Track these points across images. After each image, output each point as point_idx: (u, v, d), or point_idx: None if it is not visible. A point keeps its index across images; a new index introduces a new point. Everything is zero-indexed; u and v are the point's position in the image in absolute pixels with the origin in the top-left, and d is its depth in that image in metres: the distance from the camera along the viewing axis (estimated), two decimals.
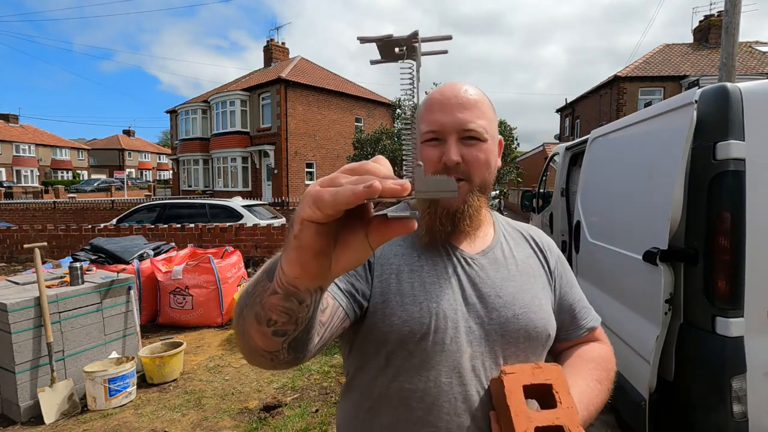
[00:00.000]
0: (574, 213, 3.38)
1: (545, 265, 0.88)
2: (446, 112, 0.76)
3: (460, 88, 0.78)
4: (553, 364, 0.72)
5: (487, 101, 0.81)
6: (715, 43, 19.12)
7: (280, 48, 25.27)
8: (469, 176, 0.76)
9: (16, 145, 42.55)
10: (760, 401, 1.73)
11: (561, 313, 0.87)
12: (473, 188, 0.77)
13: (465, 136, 0.76)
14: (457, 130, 0.75)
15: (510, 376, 0.67)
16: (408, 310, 0.74)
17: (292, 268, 0.42)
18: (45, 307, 2.85)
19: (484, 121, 0.77)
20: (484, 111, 0.78)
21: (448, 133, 0.75)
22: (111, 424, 2.76)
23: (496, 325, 0.75)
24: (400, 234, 0.40)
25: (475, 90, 0.80)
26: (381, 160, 0.41)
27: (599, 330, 0.91)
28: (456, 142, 0.75)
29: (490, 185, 0.83)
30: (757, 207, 1.72)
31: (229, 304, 4.78)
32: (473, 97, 0.78)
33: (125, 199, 20.66)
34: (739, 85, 1.79)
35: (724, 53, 6.12)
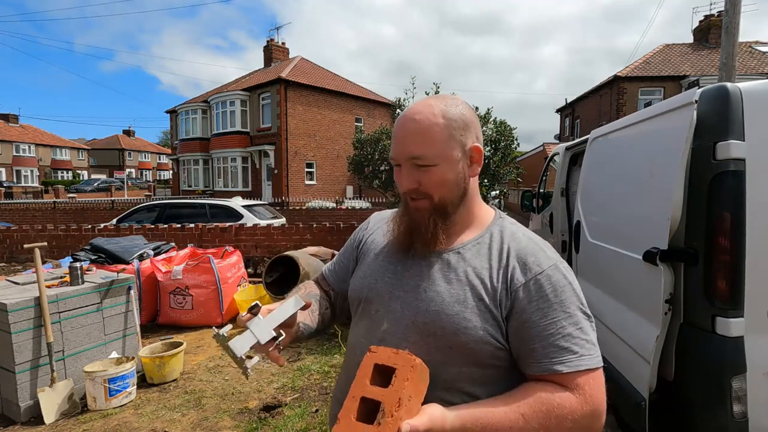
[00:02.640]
0: (574, 213, 3.38)
1: (500, 283, 0.83)
2: (398, 142, 0.88)
3: (409, 117, 0.87)
4: (410, 356, 0.76)
5: (440, 122, 0.85)
6: (715, 43, 19.13)
7: (280, 48, 25.28)
8: (429, 196, 0.87)
9: (16, 145, 42.55)
10: (760, 401, 1.73)
11: (518, 342, 0.82)
12: (434, 205, 0.87)
13: (417, 162, 0.85)
14: (407, 158, 0.86)
15: (370, 354, 0.78)
16: (357, 282, 0.99)
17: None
18: (45, 307, 2.85)
19: (430, 149, 0.84)
20: (431, 137, 0.84)
21: (402, 162, 0.87)
22: (111, 424, 2.76)
23: (412, 313, 0.86)
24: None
25: (426, 114, 0.85)
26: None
27: (576, 380, 0.77)
28: (410, 169, 0.86)
29: (454, 198, 0.89)
30: (757, 207, 1.72)
31: (229, 304, 4.78)
32: (421, 125, 0.85)
33: (125, 199, 20.66)
34: (739, 85, 1.79)
35: (724, 53, 6.12)
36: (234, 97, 21.83)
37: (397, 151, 0.87)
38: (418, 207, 0.88)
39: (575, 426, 0.75)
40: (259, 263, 6.98)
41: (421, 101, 0.89)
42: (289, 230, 7.25)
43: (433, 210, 0.87)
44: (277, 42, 25.31)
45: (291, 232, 7.21)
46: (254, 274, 6.76)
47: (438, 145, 0.84)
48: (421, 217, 0.88)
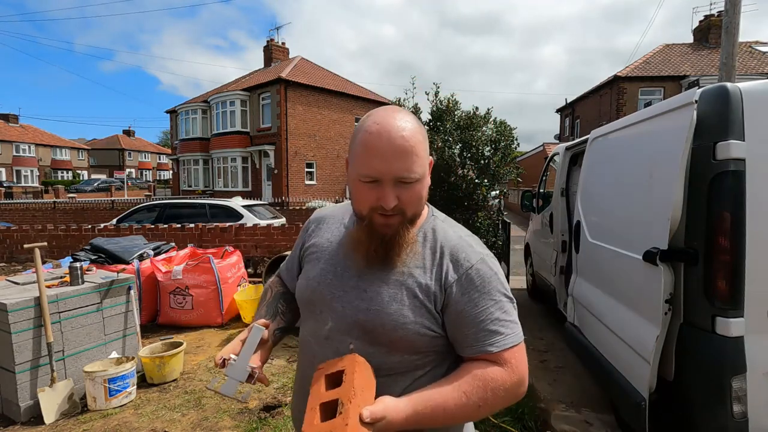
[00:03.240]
0: (574, 213, 3.38)
1: (433, 281, 0.91)
2: (383, 160, 0.84)
3: (394, 134, 0.84)
4: (353, 355, 0.86)
5: (420, 133, 0.87)
6: (715, 43, 19.13)
7: (280, 48, 25.27)
8: (403, 212, 0.88)
9: (16, 145, 42.55)
10: (760, 401, 1.73)
11: (454, 329, 0.91)
12: (405, 221, 0.89)
13: (402, 180, 0.85)
14: (393, 178, 0.85)
15: (318, 370, 0.87)
16: (302, 284, 1.02)
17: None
18: (45, 307, 2.84)
19: (418, 166, 0.86)
20: (418, 152, 0.86)
21: (385, 180, 0.85)
22: (111, 424, 2.76)
23: (353, 312, 0.91)
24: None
25: (408, 128, 0.85)
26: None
27: (503, 356, 0.88)
28: (392, 186, 0.86)
29: (420, 211, 0.93)
30: (757, 207, 1.72)
31: (229, 304, 4.78)
32: (408, 142, 0.84)
33: (125, 199, 20.66)
34: (739, 85, 1.79)
35: (724, 53, 6.12)
36: (234, 97, 21.82)
37: (383, 169, 0.84)
38: (389, 223, 0.88)
39: (507, 395, 0.88)
40: (259, 263, 6.98)
41: (394, 115, 0.88)
42: (289, 230, 7.25)
43: (404, 223, 0.90)
44: (277, 42, 25.31)
45: (291, 232, 7.21)
46: (254, 274, 6.76)
47: (422, 161, 0.87)
48: (392, 232, 0.89)
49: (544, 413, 2.99)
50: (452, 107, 5.13)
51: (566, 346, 3.79)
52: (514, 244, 8.32)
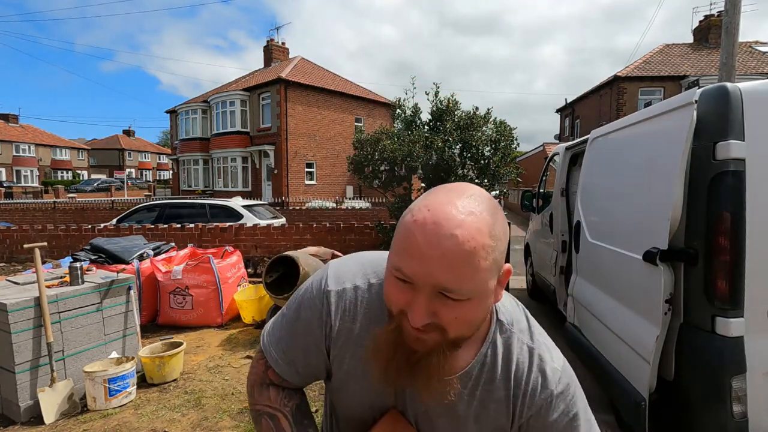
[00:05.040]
0: (574, 213, 3.38)
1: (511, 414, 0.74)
2: (423, 261, 0.59)
3: (447, 233, 0.58)
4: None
5: (489, 242, 0.60)
6: (715, 43, 19.13)
7: (280, 48, 25.28)
8: (442, 330, 0.63)
9: (16, 145, 42.54)
10: (760, 401, 1.73)
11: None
12: (446, 340, 0.64)
13: (444, 294, 0.61)
14: (432, 286, 0.60)
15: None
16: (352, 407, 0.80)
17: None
18: (45, 307, 2.84)
19: (470, 283, 0.59)
20: (477, 264, 0.59)
21: (420, 286, 0.60)
22: (111, 424, 2.76)
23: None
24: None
25: (470, 233, 0.58)
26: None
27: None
28: (428, 297, 0.61)
29: (472, 334, 0.68)
30: (757, 207, 1.72)
31: (229, 304, 4.78)
32: (464, 247, 0.58)
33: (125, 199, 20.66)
34: (739, 85, 1.79)
35: (724, 53, 6.12)
36: (234, 97, 21.83)
37: (419, 271, 0.59)
38: (422, 339, 0.64)
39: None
40: (259, 263, 6.98)
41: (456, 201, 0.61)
42: (289, 230, 7.25)
43: (443, 345, 0.65)
44: (277, 42, 25.31)
45: (291, 232, 7.21)
46: (254, 274, 6.76)
47: (481, 275, 0.60)
48: (425, 349, 0.65)
49: None
50: (452, 107, 5.13)
51: (566, 346, 3.79)
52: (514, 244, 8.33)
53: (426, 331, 0.63)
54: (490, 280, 0.61)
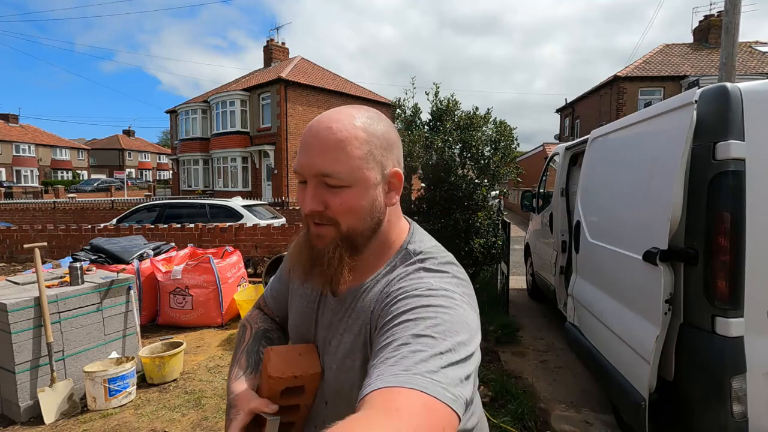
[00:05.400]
0: (574, 213, 3.38)
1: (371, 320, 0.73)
2: (307, 153, 0.71)
3: (324, 125, 0.71)
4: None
5: (361, 136, 0.70)
6: (715, 43, 19.13)
7: (280, 48, 25.27)
8: (335, 222, 0.72)
9: (16, 145, 42.54)
10: (760, 401, 1.73)
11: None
12: (339, 236, 0.73)
13: (326, 181, 0.70)
14: (315, 175, 0.71)
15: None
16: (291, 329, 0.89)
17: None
18: (45, 307, 2.84)
19: (344, 167, 0.69)
20: (350, 152, 0.69)
21: (308, 177, 0.72)
22: (111, 424, 2.76)
23: (327, 365, 0.78)
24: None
25: (345, 124, 0.70)
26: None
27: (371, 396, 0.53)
28: (316, 187, 0.71)
29: (365, 230, 0.74)
30: (757, 207, 1.72)
31: (229, 304, 4.78)
32: (336, 135, 0.69)
33: (125, 199, 20.66)
34: (739, 85, 1.79)
35: (724, 53, 6.12)
36: (234, 97, 21.82)
37: (304, 163, 0.71)
38: (321, 234, 0.73)
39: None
40: (259, 263, 6.98)
41: (342, 108, 0.75)
42: (289, 230, 7.25)
43: (339, 240, 0.73)
44: (277, 42, 25.30)
45: (291, 232, 7.21)
46: (254, 274, 6.76)
47: (355, 162, 0.70)
48: (324, 248, 0.73)
49: (544, 413, 2.99)
50: (452, 107, 5.13)
51: (566, 346, 3.79)
52: (514, 244, 8.33)
53: (321, 225, 0.73)
54: (367, 170, 0.71)
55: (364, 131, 0.72)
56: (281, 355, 0.76)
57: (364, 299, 0.76)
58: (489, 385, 3.22)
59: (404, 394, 0.51)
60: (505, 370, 3.63)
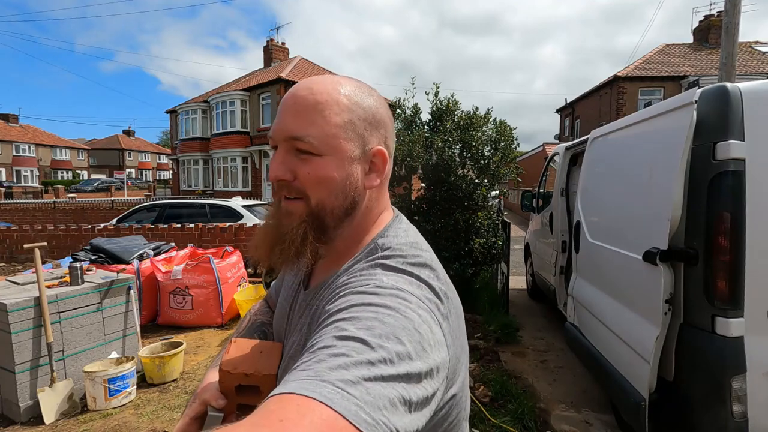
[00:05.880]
0: (574, 213, 3.38)
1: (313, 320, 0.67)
2: (281, 115, 0.65)
3: (304, 86, 0.65)
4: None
5: (343, 102, 0.64)
6: (715, 43, 19.13)
7: (280, 48, 25.27)
8: (304, 194, 0.64)
9: (16, 145, 42.54)
10: (760, 401, 1.73)
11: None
12: (309, 210, 0.64)
13: (296, 147, 0.63)
14: (285, 138, 0.63)
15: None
16: (274, 318, 0.86)
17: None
18: (45, 307, 2.84)
19: (317, 130, 0.62)
20: (327, 116, 0.62)
21: (278, 141, 0.65)
22: (111, 424, 2.76)
23: (283, 368, 0.70)
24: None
25: (327, 87, 0.64)
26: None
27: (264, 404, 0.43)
28: (286, 153, 0.64)
29: (336, 208, 0.65)
30: (757, 207, 1.72)
31: (229, 304, 4.78)
32: (315, 97, 0.63)
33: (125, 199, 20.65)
34: (739, 85, 1.79)
35: (724, 53, 6.12)
36: (234, 97, 21.82)
37: (276, 126, 0.65)
38: (290, 210, 0.65)
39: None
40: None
41: (329, 75, 0.68)
42: None
43: (306, 218, 0.65)
44: (277, 42, 25.30)
45: None
46: (254, 274, 6.76)
47: (330, 128, 0.62)
48: (288, 225, 0.65)
49: (544, 413, 2.99)
50: (452, 107, 5.13)
51: (566, 346, 3.79)
52: (514, 244, 8.32)
53: (290, 199, 0.65)
54: (344, 140, 0.63)
55: (348, 99, 0.64)
56: (240, 350, 0.71)
57: (321, 296, 0.67)
58: (489, 385, 3.22)
59: (298, 403, 0.39)
60: (505, 370, 3.63)
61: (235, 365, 0.68)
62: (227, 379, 0.67)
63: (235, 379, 0.67)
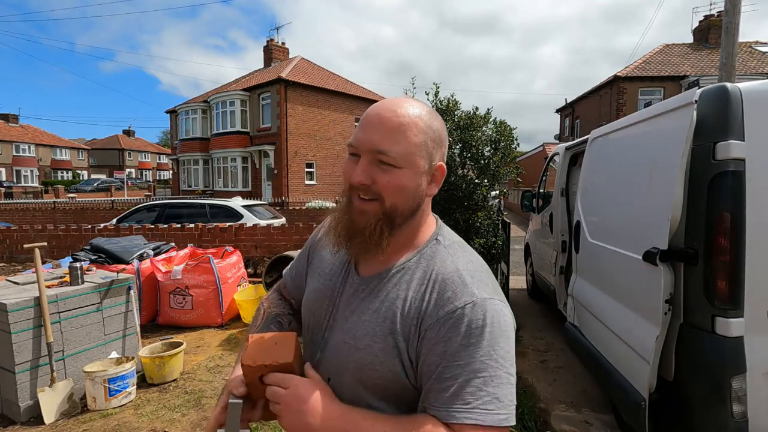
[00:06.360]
0: (574, 213, 3.38)
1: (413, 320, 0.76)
2: (366, 130, 0.77)
3: (388, 108, 0.77)
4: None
5: (420, 126, 0.77)
6: (715, 43, 19.13)
7: (280, 48, 25.28)
8: (380, 197, 0.77)
9: (16, 145, 42.55)
10: (760, 401, 1.73)
11: (421, 380, 0.75)
12: (382, 213, 0.77)
13: (379, 158, 0.75)
14: (370, 150, 0.76)
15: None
16: (305, 304, 0.92)
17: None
18: (45, 307, 2.84)
19: (400, 148, 0.75)
20: (408, 137, 0.76)
21: (362, 151, 0.77)
22: (111, 424, 2.76)
23: (335, 344, 0.82)
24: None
25: (408, 111, 0.77)
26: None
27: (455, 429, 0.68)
28: (369, 163, 0.76)
29: (404, 211, 0.79)
30: (757, 207, 1.72)
31: (229, 304, 4.78)
32: (399, 120, 0.76)
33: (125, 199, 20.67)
34: (739, 85, 1.79)
35: (724, 53, 6.12)
36: (234, 97, 21.82)
37: (363, 138, 0.76)
38: (364, 210, 0.77)
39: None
40: (259, 263, 6.98)
41: (403, 98, 0.81)
42: (289, 230, 7.25)
43: (381, 215, 0.77)
44: (277, 42, 25.31)
45: (291, 232, 7.21)
46: (254, 274, 6.76)
47: (410, 147, 0.76)
48: (366, 221, 0.77)
49: (544, 413, 2.99)
50: (452, 107, 5.13)
51: (566, 346, 3.79)
52: (514, 244, 8.32)
53: (365, 200, 0.77)
54: (419, 157, 0.77)
55: (423, 123, 0.78)
56: (257, 343, 0.78)
57: (395, 285, 0.79)
58: None
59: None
60: None
61: (254, 359, 0.75)
62: (249, 372, 0.75)
63: (257, 371, 0.75)
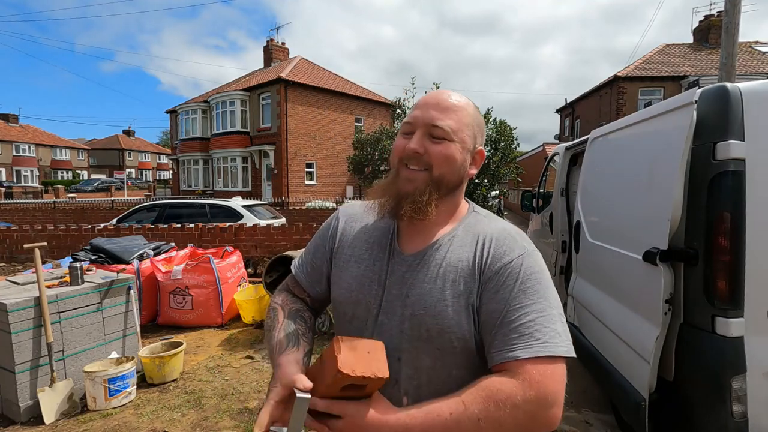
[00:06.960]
0: (574, 213, 3.38)
1: (476, 277, 0.82)
2: (423, 108, 0.87)
3: (444, 93, 0.89)
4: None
5: (469, 111, 0.89)
6: (715, 43, 19.13)
7: (280, 48, 25.28)
8: (430, 167, 0.84)
9: (16, 145, 42.54)
10: (760, 401, 1.73)
11: (483, 332, 0.81)
12: (431, 181, 0.84)
13: (433, 133, 0.84)
14: (426, 124, 0.85)
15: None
16: (343, 293, 0.92)
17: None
18: (45, 307, 2.84)
19: (453, 123, 0.85)
20: (459, 116, 0.86)
21: (418, 126, 0.86)
22: (111, 424, 2.76)
23: (398, 322, 0.85)
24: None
25: (459, 98, 0.89)
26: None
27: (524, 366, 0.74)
28: (423, 135, 0.85)
29: (450, 183, 0.87)
30: (757, 207, 1.72)
31: (229, 304, 4.78)
32: (453, 102, 0.87)
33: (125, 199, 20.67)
34: (739, 85, 1.79)
35: (724, 53, 6.12)
36: (234, 97, 21.82)
37: (420, 115, 0.86)
38: (411, 177, 0.85)
39: (516, 412, 0.71)
40: (259, 263, 6.97)
41: (453, 91, 0.92)
42: (289, 230, 7.25)
43: (429, 182, 0.84)
44: (277, 42, 25.31)
45: (291, 232, 7.21)
46: (254, 274, 6.76)
47: (462, 126, 0.86)
48: (414, 187, 0.84)
49: None
50: None
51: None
52: None
53: (415, 170, 0.85)
54: (467, 135, 0.87)
55: (471, 109, 0.90)
56: (351, 350, 0.73)
57: (449, 251, 0.86)
58: None
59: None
60: None
61: (353, 368, 0.70)
62: (345, 379, 0.69)
63: (350, 380, 0.70)
